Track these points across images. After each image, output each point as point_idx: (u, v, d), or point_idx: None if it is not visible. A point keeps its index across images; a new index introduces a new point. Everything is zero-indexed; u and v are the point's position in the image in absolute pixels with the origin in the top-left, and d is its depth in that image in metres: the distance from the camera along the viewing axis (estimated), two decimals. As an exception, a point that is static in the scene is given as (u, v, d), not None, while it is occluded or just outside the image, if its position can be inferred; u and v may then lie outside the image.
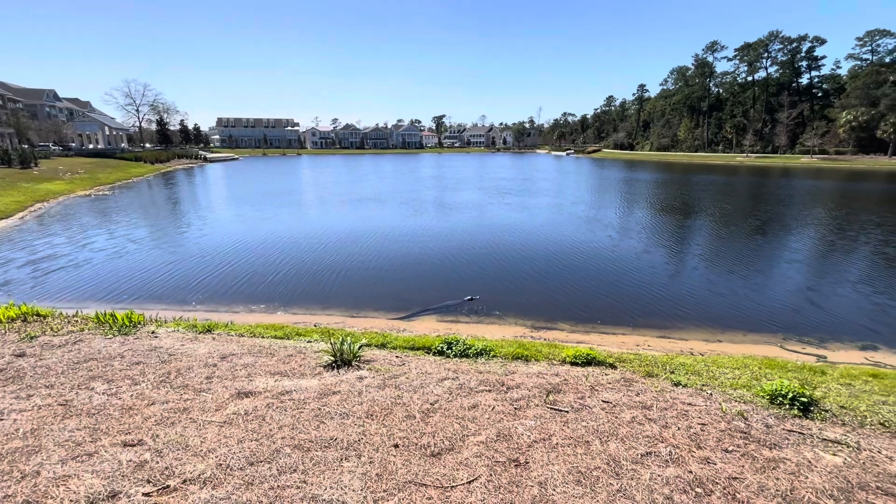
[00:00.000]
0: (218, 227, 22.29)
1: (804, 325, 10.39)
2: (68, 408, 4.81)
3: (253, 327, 9.00)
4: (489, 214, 26.40)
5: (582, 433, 4.57)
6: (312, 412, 4.87)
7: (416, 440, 4.31)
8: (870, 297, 12.35)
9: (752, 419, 5.05)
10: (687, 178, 55.02)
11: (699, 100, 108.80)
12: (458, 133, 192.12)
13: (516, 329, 10.09)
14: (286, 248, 17.40)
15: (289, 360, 6.78)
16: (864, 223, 23.53)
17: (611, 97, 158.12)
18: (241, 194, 36.61)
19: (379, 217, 25.29)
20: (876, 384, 6.50)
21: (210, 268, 14.77)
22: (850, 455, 4.37)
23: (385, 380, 5.94)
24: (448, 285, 13.20)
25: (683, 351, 8.93)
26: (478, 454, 4.07)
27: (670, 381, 6.29)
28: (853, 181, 50.84)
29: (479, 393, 5.59)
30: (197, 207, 29.18)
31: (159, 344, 7.40)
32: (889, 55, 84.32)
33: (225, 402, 5.08)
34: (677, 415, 5.09)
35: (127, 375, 5.87)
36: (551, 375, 6.39)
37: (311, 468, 3.75)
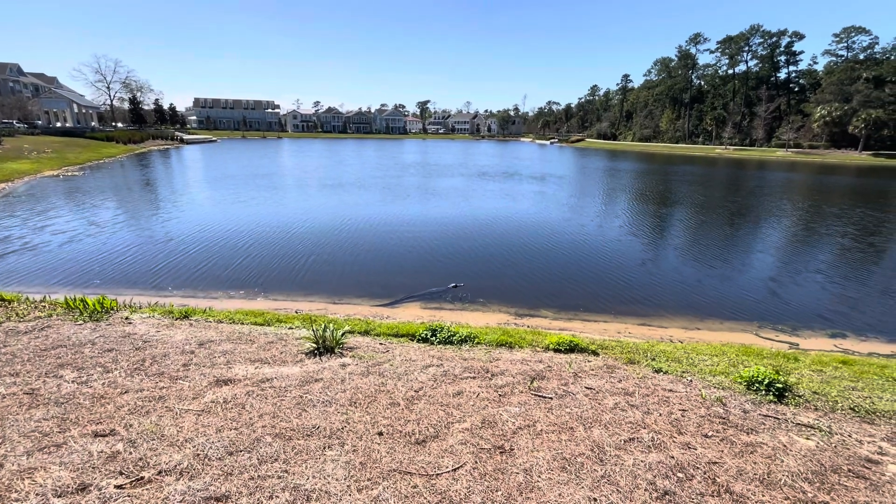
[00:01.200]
0: (195, 210, 21.64)
1: (777, 314, 10.69)
2: (35, 397, 4.60)
3: (232, 313, 8.78)
4: (473, 202, 26.31)
5: (566, 420, 4.59)
6: (294, 400, 4.77)
7: (400, 428, 4.26)
8: (837, 287, 12.77)
9: (731, 405, 5.16)
10: (668, 168, 55.86)
11: (681, 91, 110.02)
12: (442, 119, 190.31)
13: (500, 316, 10.11)
14: (267, 234, 17.01)
15: (269, 346, 6.63)
16: (835, 215, 24.30)
17: (595, 87, 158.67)
18: (220, 177, 35.58)
19: (362, 203, 24.94)
20: (846, 370, 6.73)
21: (187, 252, 14.34)
22: (823, 439, 4.50)
23: (369, 367, 5.87)
24: (432, 272, 13.12)
25: (663, 338, 9.09)
26: (463, 441, 4.04)
27: (651, 367, 6.38)
28: (824, 175, 52.40)
29: (463, 380, 5.57)
30: (173, 190, 28.26)
31: (133, 330, 7.14)
32: (863, 52, 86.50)
33: (203, 391, 4.93)
34: (658, 401, 5.17)
35: (98, 363, 5.64)
36: (535, 362, 6.42)
37: (292, 457, 3.66)
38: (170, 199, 24.83)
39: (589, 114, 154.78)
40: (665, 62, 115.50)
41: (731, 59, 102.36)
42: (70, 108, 72.15)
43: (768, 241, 18.39)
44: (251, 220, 19.42)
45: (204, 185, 31.41)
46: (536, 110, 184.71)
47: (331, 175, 38.77)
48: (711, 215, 24.05)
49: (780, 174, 51.17)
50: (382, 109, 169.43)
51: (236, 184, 31.66)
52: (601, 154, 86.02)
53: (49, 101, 72.34)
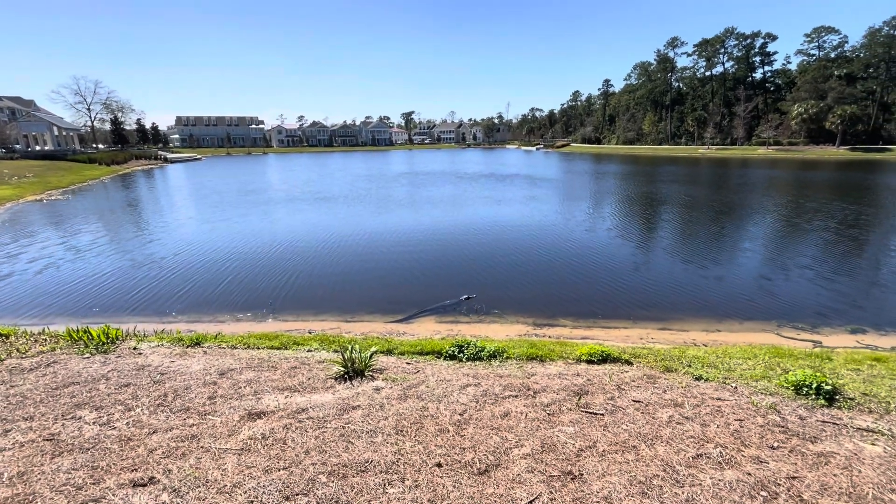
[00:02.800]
0: (189, 231, 21.12)
1: (794, 311, 10.67)
2: (57, 443, 4.25)
3: (245, 338, 8.44)
4: (470, 210, 26.19)
5: (625, 437, 4.39)
6: (336, 431, 4.49)
7: (457, 457, 4.01)
8: (848, 281, 12.86)
9: (785, 412, 5.01)
10: (654, 170, 56.61)
11: (662, 94, 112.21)
12: (427, 129, 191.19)
13: (519, 327, 9.91)
14: (267, 252, 16.63)
15: (294, 372, 6.32)
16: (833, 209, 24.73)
17: (577, 92, 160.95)
18: (209, 195, 34.98)
19: (359, 216, 24.65)
20: (882, 368, 6.65)
21: (187, 275, 13.90)
22: (889, 444, 4.37)
23: (404, 390, 5.61)
24: (441, 284, 12.89)
25: (687, 342, 8.97)
26: (528, 468, 3.81)
27: (691, 375, 6.23)
28: (806, 170, 53.68)
29: (506, 399, 5.34)
30: (163, 211, 27.65)
31: (146, 361, 6.78)
32: (834, 51, 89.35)
33: (236, 426, 4.62)
34: (711, 411, 5.00)
35: (117, 400, 5.29)
36: (573, 376, 6.22)
37: (353, 498, 3.40)
38: (161, 220, 24.25)
39: (572, 119, 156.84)
40: (644, 66, 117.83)
41: (709, 61, 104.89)
42: (50, 131, 70.71)
43: (771, 239, 18.56)
44: (248, 238, 19.00)
45: (194, 204, 30.82)
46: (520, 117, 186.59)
47: (322, 189, 38.40)
48: (710, 215, 24.27)
49: (764, 171, 52.21)
50: (367, 122, 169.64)
51: (227, 202, 31.13)
52: (587, 158, 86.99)
53: (28, 125, 70.82)
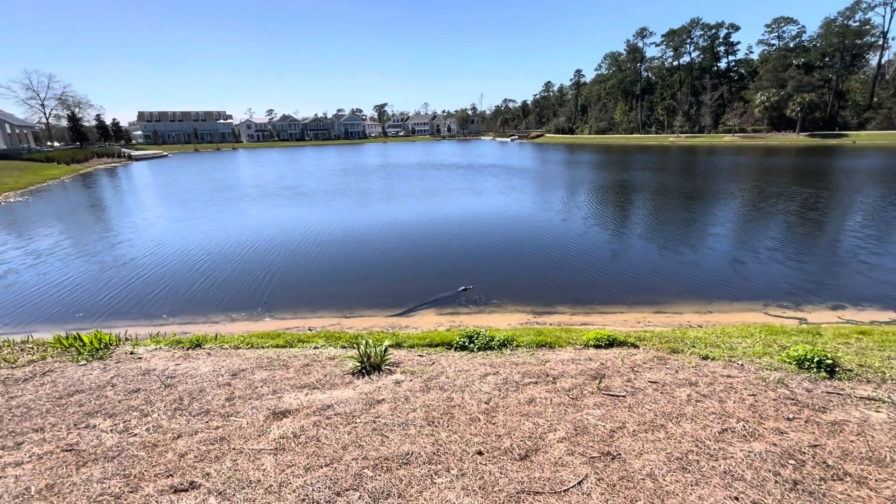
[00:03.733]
0: (169, 230, 20.37)
1: (774, 291, 11.16)
2: (79, 454, 4.08)
3: (246, 337, 8.26)
4: (455, 203, 26.19)
5: (651, 417, 4.54)
6: (368, 426, 4.47)
7: (495, 444, 4.06)
8: (818, 261, 13.54)
9: (792, 385, 5.27)
10: (627, 158, 57.87)
11: (632, 84, 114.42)
12: (401, 122, 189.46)
13: (519, 316, 10.04)
14: (251, 251, 16.22)
15: (307, 370, 6.24)
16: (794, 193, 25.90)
17: (549, 83, 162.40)
18: (181, 193, 33.76)
19: (341, 212, 24.30)
20: (868, 341, 7.07)
21: (175, 276, 13.44)
22: (891, 411, 4.66)
23: (425, 382, 5.62)
24: (435, 276, 12.90)
25: (683, 324, 9.29)
26: (567, 451, 3.90)
27: (697, 355, 6.47)
28: (769, 156, 55.99)
29: (527, 386, 5.42)
30: (137, 210, 26.55)
31: (149, 366, 6.56)
32: (792, 41, 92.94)
33: (264, 426, 4.54)
34: (725, 388, 5.21)
35: (130, 406, 5.11)
36: (585, 361, 6.36)
37: (404, 489, 3.40)
38: (136, 219, 23.29)
39: (545, 109, 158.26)
40: (614, 56, 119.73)
41: (676, 51, 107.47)
42: (2, 129, 66.58)
43: (741, 223, 19.32)
44: (229, 236, 18.48)
45: (168, 202, 29.72)
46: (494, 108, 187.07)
47: (299, 184, 37.61)
48: (683, 201, 25.04)
49: (730, 158, 54.12)
50: (340, 115, 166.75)
51: (202, 199, 30.15)
52: (561, 148, 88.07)
53: (-25, 123, 66.44)
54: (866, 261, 13.32)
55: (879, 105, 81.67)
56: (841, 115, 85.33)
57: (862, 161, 46.41)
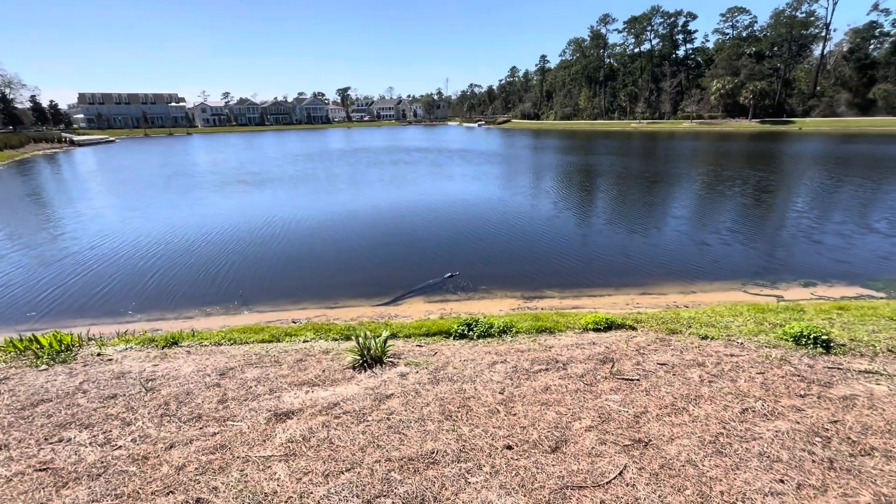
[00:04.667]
0: (129, 221, 18.93)
1: (747, 271, 11.56)
2: (56, 473, 3.58)
3: (227, 333, 7.71)
4: (431, 188, 25.75)
5: (671, 400, 4.49)
6: (382, 424, 4.19)
7: (522, 437, 3.88)
8: (783, 241, 14.17)
9: (794, 362, 5.38)
10: (592, 144, 58.91)
11: (595, 70, 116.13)
12: (365, 106, 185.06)
13: (510, 301, 9.92)
14: (219, 241, 15.31)
15: (302, 365, 5.86)
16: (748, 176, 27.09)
17: (514, 68, 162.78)
18: (134, 180, 31.55)
19: (312, 200, 23.39)
20: (848, 316, 7.37)
21: (138, 269, 12.48)
22: (890, 383, 4.81)
23: (432, 373, 5.37)
24: (419, 263, 12.59)
25: (670, 305, 9.44)
26: (599, 440, 3.77)
27: (696, 335, 6.53)
28: (724, 141, 58.53)
29: (538, 374, 5.28)
30: (84, 199, 24.57)
31: (123, 368, 5.97)
32: (745, 30, 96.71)
33: (267, 430, 4.17)
34: (733, 368, 5.25)
35: (108, 415, 4.59)
36: (589, 345, 6.29)
37: (439, 492, 3.16)
38: (91, 210, 21.51)
39: (511, 95, 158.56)
40: (578, 42, 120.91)
41: (637, 38, 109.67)
42: (-82, 111, 59.94)
43: (704, 206, 20.00)
44: (195, 225, 17.39)
45: (122, 191, 27.71)
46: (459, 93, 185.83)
47: (263, 170, 35.97)
48: (647, 185, 25.68)
49: (689, 143, 56.13)
50: (301, 98, 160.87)
51: (157, 187, 28.29)
52: (528, 134, 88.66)
53: None
54: (820, 241, 13.98)
55: (822, 94, 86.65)
56: (788, 103, 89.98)
57: (807, 146, 49.20)
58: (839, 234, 14.51)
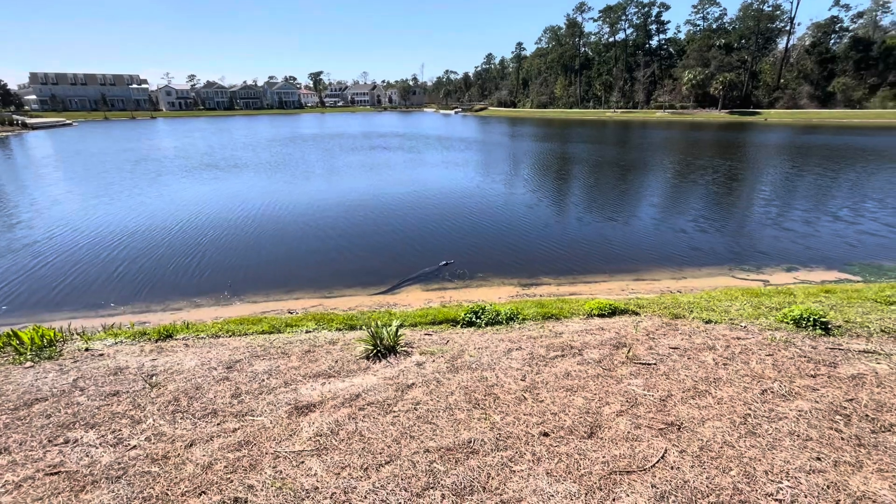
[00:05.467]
0: (104, 208, 17.91)
1: (733, 257, 11.94)
2: (71, 476, 3.35)
3: (223, 324, 7.42)
4: (416, 176, 25.42)
5: (691, 384, 4.57)
6: (410, 414, 4.11)
7: (555, 423, 3.87)
8: (755, 229, 14.70)
9: (798, 344, 5.57)
10: (569, 132, 59.44)
11: (571, 58, 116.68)
12: (339, 91, 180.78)
13: (508, 289, 9.93)
14: (200, 229, 14.71)
15: (311, 357, 5.69)
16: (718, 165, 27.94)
17: (490, 55, 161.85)
18: (99, 165, 29.86)
19: (296, 186, 22.74)
20: (835, 298, 7.70)
21: (120, 259, 11.84)
22: (890, 362, 5.05)
23: (449, 362, 5.30)
24: (412, 251, 12.45)
25: (664, 290, 9.66)
26: (633, 425, 3.79)
27: (700, 319, 6.68)
28: (695, 131, 60.15)
29: (555, 360, 5.29)
30: (49, 186, 23.11)
31: (118, 363, 5.65)
32: (716, 22, 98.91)
33: (291, 424, 4.02)
34: (743, 350, 5.39)
35: (114, 413, 4.33)
36: (598, 330, 6.35)
37: (487, 482, 3.11)
38: (59, 196, 20.25)
39: (487, 82, 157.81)
40: (554, 30, 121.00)
41: (612, 27, 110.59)
42: None
43: (686, 193, 20.53)
44: (170, 213, 16.63)
45: (91, 177, 26.19)
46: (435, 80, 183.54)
47: (235, 155, 34.70)
48: (629, 173, 26.15)
49: (662, 133, 57.37)
50: (272, 82, 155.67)
51: (125, 172, 26.89)
52: (505, 122, 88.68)
53: None
54: (791, 228, 14.50)
55: (785, 86, 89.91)
56: (755, 95, 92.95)
57: (772, 136, 51.11)
58: (806, 222, 15.11)
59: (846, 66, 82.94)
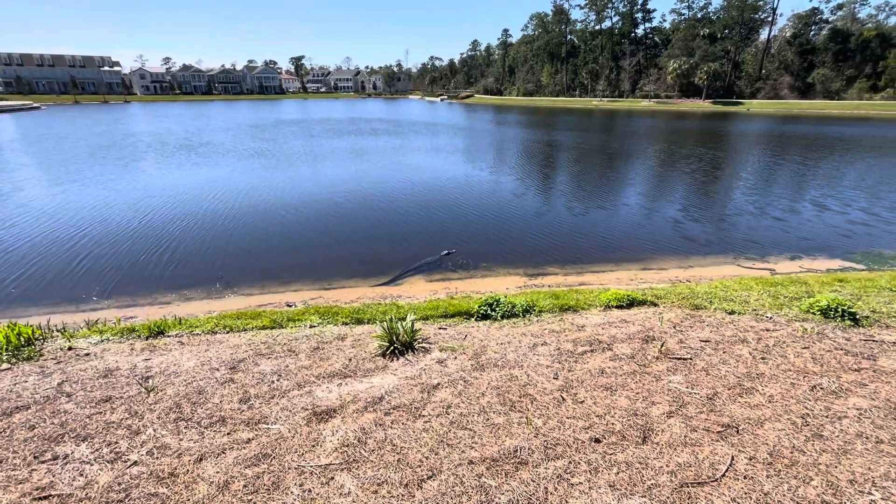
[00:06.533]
0: (79, 195, 16.89)
1: (738, 245, 11.84)
2: (63, 501, 2.90)
3: (218, 319, 6.91)
4: (409, 164, 24.80)
5: (734, 380, 4.32)
6: (443, 419, 3.75)
7: (603, 427, 3.57)
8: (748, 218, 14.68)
9: (831, 335, 5.39)
10: (555, 120, 59.17)
11: (558, 46, 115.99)
12: (322, 77, 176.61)
13: (514, 279, 9.62)
14: (185, 217, 13.96)
15: (321, 354, 5.27)
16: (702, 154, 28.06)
17: (475, 41, 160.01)
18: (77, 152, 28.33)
19: (285, 173, 21.92)
20: (850, 287, 7.59)
21: (98, 249, 11.10)
22: (927, 353, 4.89)
23: (472, 359, 4.96)
24: (411, 241, 12.01)
25: (672, 280, 9.46)
26: (688, 427, 3.51)
27: (722, 310, 6.47)
28: (680, 119, 60.61)
29: (584, 356, 4.99)
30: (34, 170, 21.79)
31: (107, 364, 5.15)
32: (700, 11, 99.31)
33: (312, 433, 3.62)
34: (776, 343, 5.18)
35: (109, 423, 3.87)
36: (620, 323, 6.08)
37: (546, 498, 2.79)
38: (36, 181, 19.05)
39: (473, 69, 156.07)
40: (541, 17, 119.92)
41: (598, 14, 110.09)
42: None
43: (677, 184, 20.49)
44: (151, 202, 15.77)
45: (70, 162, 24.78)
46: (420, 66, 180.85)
47: (221, 140, 33.41)
48: (616, 161, 26.03)
49: (648, 121, 57.58)
50: (252, 66, 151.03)
51: (98, 159, 25.56)
52: (492, 110, 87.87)
53: None
54: (780, 217, 14.32)
55: (767, 77, 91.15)
56: (737, 85, 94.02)
57: (755, 126, 51.72)
58: (792, 212, 14.95)
59: (825, 58, 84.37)
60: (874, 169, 23.56)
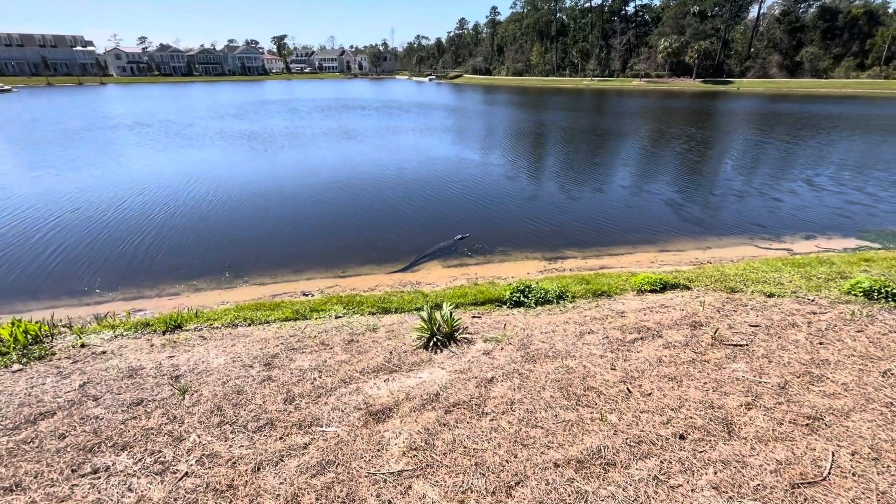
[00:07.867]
0: (80, 181, 16.10)
1: (749, 225, 11.76)
2: (118, 522, 2.62)
3: (236, 311, 6.58)
4: (407, 145, 24.22)
5: (799, 367, 4.17)
6: (511, 416, 3.53)
7: (683, 423, 3.38)
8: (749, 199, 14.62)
9: (880, 318, 5.27)
10: (546, 99, 58.50)
11: (547, 24, 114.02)
12: (305, 57, 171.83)
13: (534, 264, 9.40)
14: (183, 203, 13.41)
15: (357, 347, 5.00)
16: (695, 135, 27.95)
17: (463, 20, 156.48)
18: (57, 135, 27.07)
19: (280, 156, 21.22)
20: (878, 267, 7.52)
21: (100, 238, 10.57)
22: (981, 334, 4.80)
23: (519, 350, 4.74)
24: (423, 225, 11.70)
25: (693, 262, 9.34)
26: (773, 420, 3.34)
27: (760, 293, 6.33)
28: (670, 98, 60.44)
29: (636, 344, 4.80)
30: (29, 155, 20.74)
31: (129, 363, 4.81)
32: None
33: (373, 435, 3.37)
34: (828, 327, 5.05)
35: (147, 429, 3.57)
36: (660, 308, 5.90)
37: (648, 501, 2.59)
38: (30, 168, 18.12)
39: (461, 48, 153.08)
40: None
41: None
42: None
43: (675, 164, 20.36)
44: (153, 185, 15.12)
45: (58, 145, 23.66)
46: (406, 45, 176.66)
47: (212, 124, 32.27)
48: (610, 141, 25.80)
49: (639, 101, 57.29)
50: (233, 46, 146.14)
51: (83, 141, 24.48)
52: (481, 90, 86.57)
53: None
54: (778, 198, 14.23)
55: (756, 55, 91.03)
56: (727, 64, 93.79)
57: (745, 104, 51.84)
58: (790, 192, 14.90)
59: (814, 36, 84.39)
60: (872, 149, 23.68)
